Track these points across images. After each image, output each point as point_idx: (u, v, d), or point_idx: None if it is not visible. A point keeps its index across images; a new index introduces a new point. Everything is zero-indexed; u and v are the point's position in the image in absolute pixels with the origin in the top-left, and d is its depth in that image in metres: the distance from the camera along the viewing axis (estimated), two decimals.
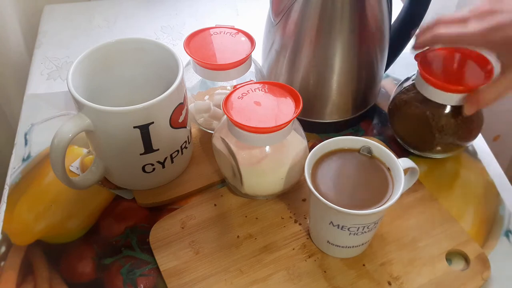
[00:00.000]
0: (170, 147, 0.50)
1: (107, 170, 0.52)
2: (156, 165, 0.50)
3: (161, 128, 0.47)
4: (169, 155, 0.51)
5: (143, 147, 0.48)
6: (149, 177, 0.51)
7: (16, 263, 0.48)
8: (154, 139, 0.48)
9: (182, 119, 0.50)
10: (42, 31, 0.78)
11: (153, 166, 0.50)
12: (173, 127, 0.48)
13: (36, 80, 0.69)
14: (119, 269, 0.48)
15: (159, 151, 0.49)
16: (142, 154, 0.48)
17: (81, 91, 0.47)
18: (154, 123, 0.46)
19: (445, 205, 0.53)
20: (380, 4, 0.53)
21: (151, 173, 0.51)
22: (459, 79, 0.51)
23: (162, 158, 0.50)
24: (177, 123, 0.49)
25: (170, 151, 0.50)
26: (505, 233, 0.51)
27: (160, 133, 0.48)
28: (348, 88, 0.57)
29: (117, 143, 0.48)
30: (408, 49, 0.61)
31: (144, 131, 0.46)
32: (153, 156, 0.49)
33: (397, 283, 0.46)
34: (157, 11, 0.82)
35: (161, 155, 0.50)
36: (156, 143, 0.48)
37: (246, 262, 0.48)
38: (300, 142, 0.50)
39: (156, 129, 0.47)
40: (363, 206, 0.43)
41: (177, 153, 0.51)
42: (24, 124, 0.63)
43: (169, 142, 0.50)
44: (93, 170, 0.51)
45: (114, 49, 0.52)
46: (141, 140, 0.47)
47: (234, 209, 0.52)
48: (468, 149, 0.59)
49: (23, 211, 0.53)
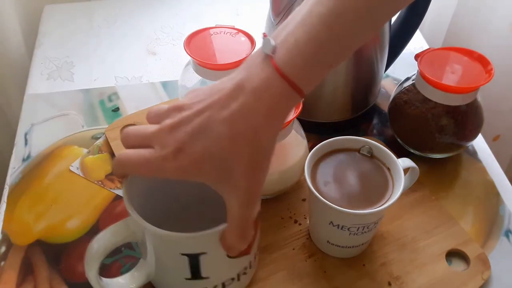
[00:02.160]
0: (224, 276, 0.42)
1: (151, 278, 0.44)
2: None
3: (215, 258, 0.40)
4: (221, 283, 0.42)
5: (190, 274, 0.40)
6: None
7: (16, 263, 0.48)
8: (205, 268, 0.40)
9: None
10: (42, 31, 0.78)
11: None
12: (232, 257, 0.40)
13: (36, 80, 0.69)
14: (119, 269, 0.48)
15: (209, 279, 0.41)
16: (188, 279, 0.41)
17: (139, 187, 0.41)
18: (208, 253, 0.39)
19: (445, 205, 0.53)
20: None
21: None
22: (459, 79, 0.51)
23: (212, 286, 0.42)
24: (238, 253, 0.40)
25: (223, 279, 0.42)
26: (505, 233, 0.51)
27: (213, 262, 0.40)
28: (348, 88, 0.57)
29: (163, 261, 0.41)
30: (408, 49, 0.62)
31: (192, 260, 0.39)
32: (201, 283, 0.42)
33: (397, 283, 0.46)
34: (157, 11, 0.82)
35: (211, 283, 0.42)
36: (207, 272, 0.41)
37: None
38: (300, 142, 0.50)
39: (209, 259, 0.39)
40: (363, 206, 0.43)
41: (231, 281, 0.43)
42: (24, 124, 0.63)
43: (224, 270, 0.42)
44: (135, 276, 0.44)
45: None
46: (188, 267, 0.40)
47: None
48: (468, 149, 0.59)
49: (23, 211, 0.53)
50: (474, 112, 0.54)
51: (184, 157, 0.34)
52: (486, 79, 0.50)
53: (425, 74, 0.51)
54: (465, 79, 0.51)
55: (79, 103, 0.65)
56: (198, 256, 0.39)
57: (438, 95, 0.51)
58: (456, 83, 0.51)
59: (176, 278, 0.42)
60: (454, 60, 0.53)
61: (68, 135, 0.61)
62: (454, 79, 0.51)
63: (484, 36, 0.83)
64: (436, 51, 0.54)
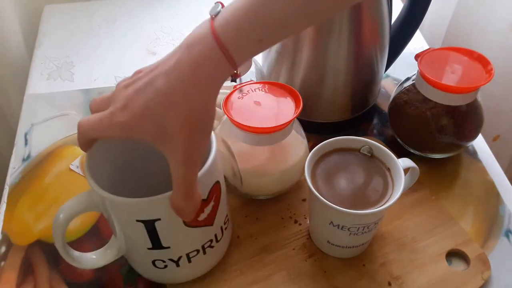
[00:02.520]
0: (187, 247, 0.42)
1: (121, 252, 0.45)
2: (168, 262, 0.43)
3: (171, 226, 0.40)
4: (185, 255, 0.43)
5: (150, 243, 0.41)
6: (161, 272, 0.44)
7: (16, 263, 0.48)
8: (163, 236, 0.40)
9: (204, 217, 0.41)
10: (42, 31, 0.78)
11: (164, 263, 0.43)
12: (189, 225, 0.40)
13: (36, 80, 0.69)
14: (119, 268, 0.48)
15: (170, 249, 0.42)
16: (150, 248, 0.41)
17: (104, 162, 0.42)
18: (162, 220, 0.39)
19: (445, 205, 0.53)
20: (380, 4, 0.53)
21: (164, 269, 0.43)
22: (459, 79, 0.51)
23: (176, 256, 0.42)
24: (195, 222, 0.40)
25: (186, 250, 0.42)
26: (505, 233, 0.51)
27: (170, 230, 0.40)
28: (348, 88, 0.57)
29: (125, 231, 0.42)
30: (408, 49, 0.62)
31: (149, 227, 0.39)
32: (164, 253, 0.42)
33: (397, 283, 0.46)
34: (157, 11, 0.82)
35: (175, 254, 0.42)
36: (166, 241, 0.41)
37: (246, 262, 0.48)
38: (300, 142, 0.50)
39: (165, 226, 0.40)
40: (363, 206, 0.43)
41: (196, 253, 0.43)
42: (24, 124, 0.63)
43: (184, 241, 0.42)
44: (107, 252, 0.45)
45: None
46: (147, 235, 0.40)
47: (234, 209, 0.52)
48: (468, 149, 0.59)
49: (23, 211, 0.53)
50: (474, 112, 0.54)
51: (127, 112, 0.35)
52: (486, 79, 0.50)
53: (425, 74, 0.51)
54: (465, 79, 0.51)
55: (79, 103, 0.65)
56: (153, 222, 0.39)
57: (438, 95, 0.51)
58: (456, 83, 0.51)
59: (140, 249, 0.42)
60: (454, 60, 0.53)
61: (68, 135, 0.61)
62: (454, 79, 0.51)
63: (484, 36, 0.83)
64: (436, 51, 0.54)
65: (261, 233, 0.50)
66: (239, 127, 0.45)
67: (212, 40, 0.34)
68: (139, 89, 0.36)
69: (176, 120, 0.35)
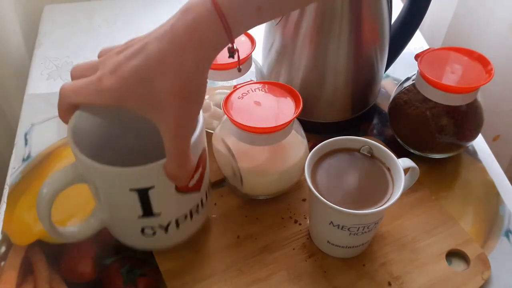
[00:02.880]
0: (176, 212, 0.43)
1: (106, 223, 0.45)
2: (157, 229, 0.44)
3: (164, 193, 0.41)
4: (174, 220, 0.44)
5: (141, 210, 0.41)
6: (149, 240, 0.45)
7: (16, 263, 0.48)
8: (155, 203, 0.41)
9: (193, 183, 0.42)
10: (42, 31, 0.78)
11: (153, 229, 0.44)
12: (181, 191, 0.41)
13: (36, 80, 0.69)
14: (119, 269, 0.48)
15: (161, 215, 0.42)
16: (140, 217, 0.42)
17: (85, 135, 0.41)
18: (155, 187, 0.40)
19: (445, 205, 0.53)
20: (380, 4, 0.53)
21: (152, 237, 0.44)
22: (459, 79, 0.51)
23: (165, 222, 0.43)
24: (186, 188, 0.41)
25: (175, 215, 0.43)
26: (505, 233, 0.51)
27: (162, 197, 0.41)
28: (348, 88, 0.57)
29: (114, 201, 0.42)
30: (408, 49, 0.62)
31: (142, 195, 0.40)
32: (154, 220, 0.43)
33: (397, 283, 0.46)
34: (157, 11, 0.82)
35: (164, 220, 0.43)
36: (158, 207, 0.42)
37: (246, 262, 0.48)
38: (300, 142, 0.50)
39: (158, 193, 0.40)
40: (363, 206, 0.43)
41: (184, 218, 0.44)
42: (24, 124, 0.63)
43: (174, 207, 0.43)
44: (90, 222, 0.45)
45: None
46: (139, 203, 0.41)
47: (234, 209, 0.52)
48: (468, 149, 0.59)
49: (23, 211, 0.53)
50: (474, 112, 0.54)
51: (116, 78, 0.34)
52: (486, 79, 0.50)
53: (425, 74, 0.51)
54: (465, 79, 0.51)
55: None
56: (147, 190, 0.39)
57: (438, 95, 0.51)
58: (456, 83, 0.51)
59: (129, 218, 0.42)
60: (454, 60, 0.53)
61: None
62: (454, 79, 0.51)
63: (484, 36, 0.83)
64: (436, 51, 0.54)
65: (261, 233, 0.50)
66: (239, 127, 0.45)
67: (210, 4, 0.33)
68: (131, 54, 0.35)
69: (167, 86, 0.34)
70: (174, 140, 0.36)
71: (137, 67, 0.34)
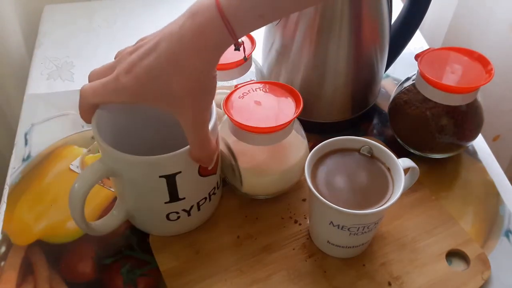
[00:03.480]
0: (198, 195, 0.47)
1: (130, 214, 0.48)
2: (181, 213, 0.47)
3: (189, 178, 0.44)
4: (196, 203, 0.47)
5: (168, 196, 0.45)
6: (173, 224, 0.48)
7: (16, 263, 0.48)
8: (181, 188, 0.44)
9: (211, 166, 0.45)
10: (42, 31, 0.78)
11: (178, 214, 0.47)
12: (202, 175, 0.45)
13: (36, 80, 0.69)
14: (119, 269, 0.48)
15: (185, 199, 0.46)
16: (167, 202, 0.45)
17: (106, 132, 0.44)
18: (182, 172, 0.43)
19: (445, 205, 0.53)
20: (380, 4, 0.53)
21: (176, 221, 0.48)
22: (459, 79, 0.51)
23: (188, 206, 0.47)
24: (207, 171, 0.45)
25: (197, 199, 0.47)
26: (505, 233, 0.51)
27: (187, 182, 0.45)
28: (348, 88, 0.57)
29: (141, 190, 0.45)
30: (408, 49, 0.62)
31: (170, 181, 0.43)
32: (179, 205, 0.46)
33: (397, 283, 0.46)
34: (157, 11, 0.82)
35: (188, 204, 0.47)
36: (183, 192, 0.45)
37: (246, 262, 0.48)
38: (300, 142, 0.50)
39: (184, 178, 0.44)
40: (363, 206, 0.43)
41: (204, 201, 0.48)
42: (24, 124, 0.63)
43: (197, 190, 0.47)
44: (114, 214, 0.48)
45: None
46: (166, 190, 0.44)
47: (234, 209, 0.52)
48: (468, 149, 0.59)
49: (23, 211, 0.53)
50: (474, 112, 0.54)
51: (132, 77, 0.37)
52: (486, 79, 0.50)
53: (425, 74, 0.51)
54: (465, 79, 0.51)
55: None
56: (174, 176, 0.43)
57: (438, 95, 0.51)
58: (456, 83, 0.51)
59: (156, 205, 0.46)
60: (454, 60, 0.53)
61: (68, 135, 0.61)
62: (454, 79, 0.51)
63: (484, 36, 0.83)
64: (436, 51, 0.54)
65: (261, 233, 0.50)
66: (239, 127, 0.45)
67: (215, 11, 0.36)
68: (143, 53, 0.37)
69: (179, 85, 0.37)
70: (193, 130, 0.40)
71: (150, 67, 0.37)
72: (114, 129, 0.46)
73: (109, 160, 0.43)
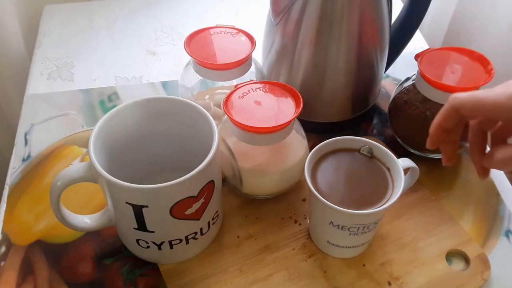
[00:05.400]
0: (170, 235, 0.44)
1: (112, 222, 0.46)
2: (150, 244, 0.45)
3: (157, 214, 0.42)
4: (168, 241, 0.45)
5: (136, 224, 0.43)
6: (144, 251, 0.46)
7: (16, 263, 0.48)
8: (149, 222, 0.42)
9: (191, 211, 0.42)
10: (42, 31, 0.78)
11: (147, 243, 0.45)
12: (175, 217, 0.42)
13: (36, 80, 0.69)
14: (119, 269, 0.48)
15: (154, 233, 0.44)
16: (136, 229, 0.43)
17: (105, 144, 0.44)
18: (149, 207, 0.41)
19: (445, 205, 0.53)
20: (380, 4, 0.53)
21: (146, 249, 0.46)
22: (459, 79, 0.51)
23: (158, 241, 0.44)
24: (182, 215, 0.42)
25: (169, 238, 0.44)
26: (505, 233, 0.51)
27: (155, 218, 0.42)
28: (348, 88, 0.57)
29: (115, 207, 0.43)
30: (408, 49, 0.62)
31: (136, 210, 0.41)
32: (148, 236, 0.44)
33: (397, 283, 0.46)
34: (157, 11, 0.82)
35: (157, 238, 0.44)
36: (151, 226, 0.43)
37: (246, 262, 0.48)
38: (300, 142, 0.50)
39: (151, 213, 0.41)
40: (363, 206, 0.43)
41: (179, 242, 0.45)
42: (24, 124, 0.63)
43: (168, 229, 0.44)
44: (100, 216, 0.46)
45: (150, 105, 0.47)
46: (134, 216, 0.42)
47: (234, 209, 0.52)
48: (468, 149, 0.59)
49: (23, 211, 0.53)
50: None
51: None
52: (486, 79, 0.50)
53: (425, 74, 0.51)
54: (465, 79, 0.51)
55: (79, 103, 0.65)
56: (140, 208, 0.41)
57: (438, 95, 0.51)
58: (456, 83, 0.51)
59: (127, 226, 0.44)
60: (454, 60, 0.53)
61: (68, 135, 0.61)
62: (454, 79, 0.51)
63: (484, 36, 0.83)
64: (436, 51, 0.54)
65: (261, 233, 0.50)
66: (239, 127, 0.45)
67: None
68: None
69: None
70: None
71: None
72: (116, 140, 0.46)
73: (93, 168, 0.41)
